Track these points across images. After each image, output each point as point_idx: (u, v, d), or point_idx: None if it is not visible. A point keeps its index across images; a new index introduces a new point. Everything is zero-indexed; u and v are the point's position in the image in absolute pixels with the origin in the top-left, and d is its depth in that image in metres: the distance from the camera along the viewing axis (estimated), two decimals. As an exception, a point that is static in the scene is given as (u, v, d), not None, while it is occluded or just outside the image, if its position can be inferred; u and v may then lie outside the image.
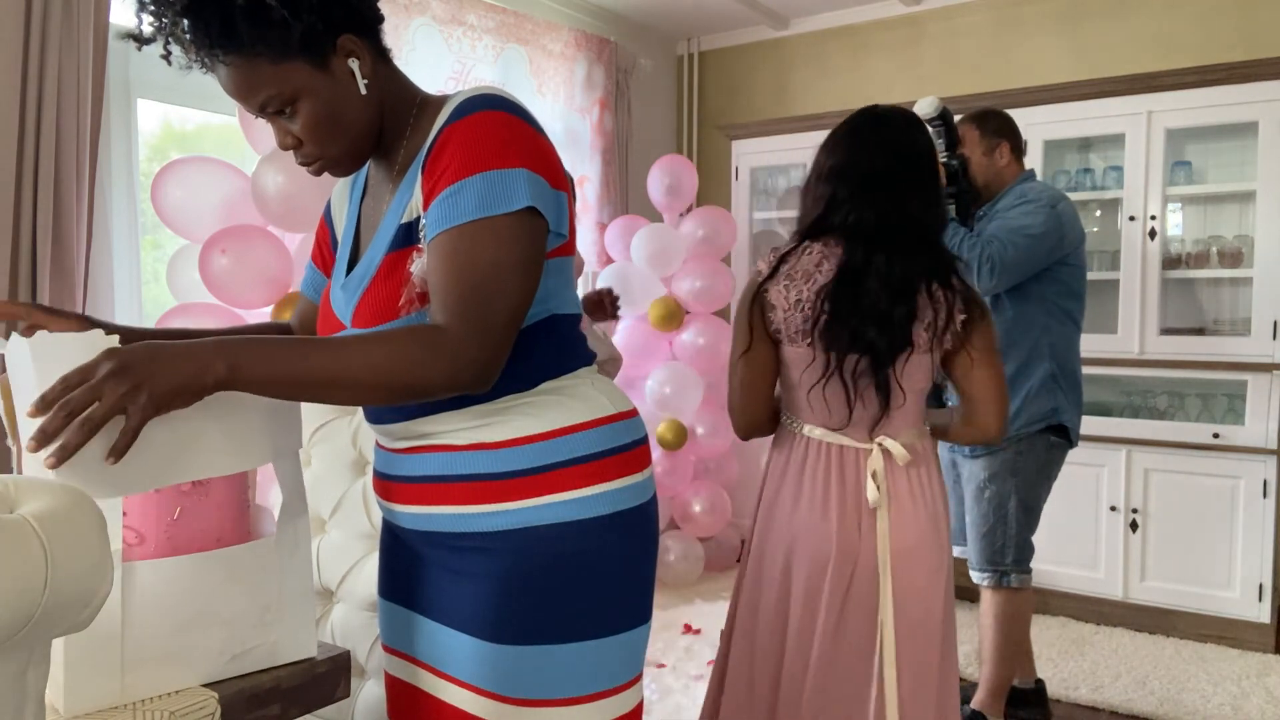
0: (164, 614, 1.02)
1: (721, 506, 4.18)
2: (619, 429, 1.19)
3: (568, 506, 1.13)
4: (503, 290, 1.04)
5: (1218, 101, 3.48)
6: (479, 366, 1.03)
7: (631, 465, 1.19)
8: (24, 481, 0.76)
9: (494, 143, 1.06)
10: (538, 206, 1.07)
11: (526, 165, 1.07)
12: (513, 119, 1.09)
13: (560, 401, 1.16)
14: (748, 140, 4.63)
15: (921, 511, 1.76)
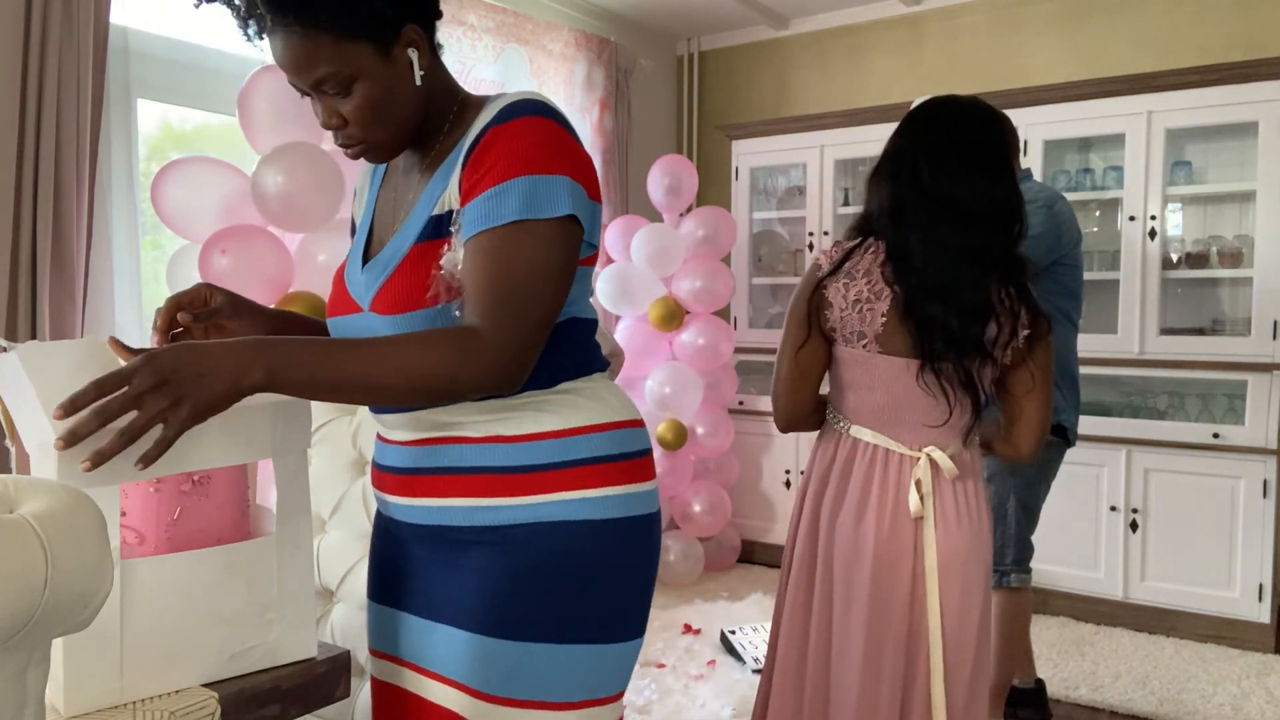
0: (164, 613, 1.02)
1: (721, 506, 4.18)
2: (629, 435, 1.20)
3: (578, 505, 1.14)
4: (538, 294, 1.07)
5: (1218, 101, 3.48)
6: (511, 369, 1.06)
7: (640, 473, 1.20)
8: (24, 481, 0.76)
9: (541, 149, 1.09)
10: (578, 215, 1.10)
11: (570, 174, 1.09)
12: (559, 128, 1.12)
13: (576, 401, 1.17)
14: (748, 140, 4.63)
15: (966, 525, 1.72)
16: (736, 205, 4.66)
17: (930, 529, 1.70)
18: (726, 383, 4.25)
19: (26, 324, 2.53)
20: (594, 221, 1.15)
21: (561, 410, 1.16)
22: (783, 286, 4.77)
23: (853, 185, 4.50)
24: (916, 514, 1.69)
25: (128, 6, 2.88)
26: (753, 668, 3.07)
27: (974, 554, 1.72)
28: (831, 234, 4.38)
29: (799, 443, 4.35)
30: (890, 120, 4.09)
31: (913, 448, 1.72)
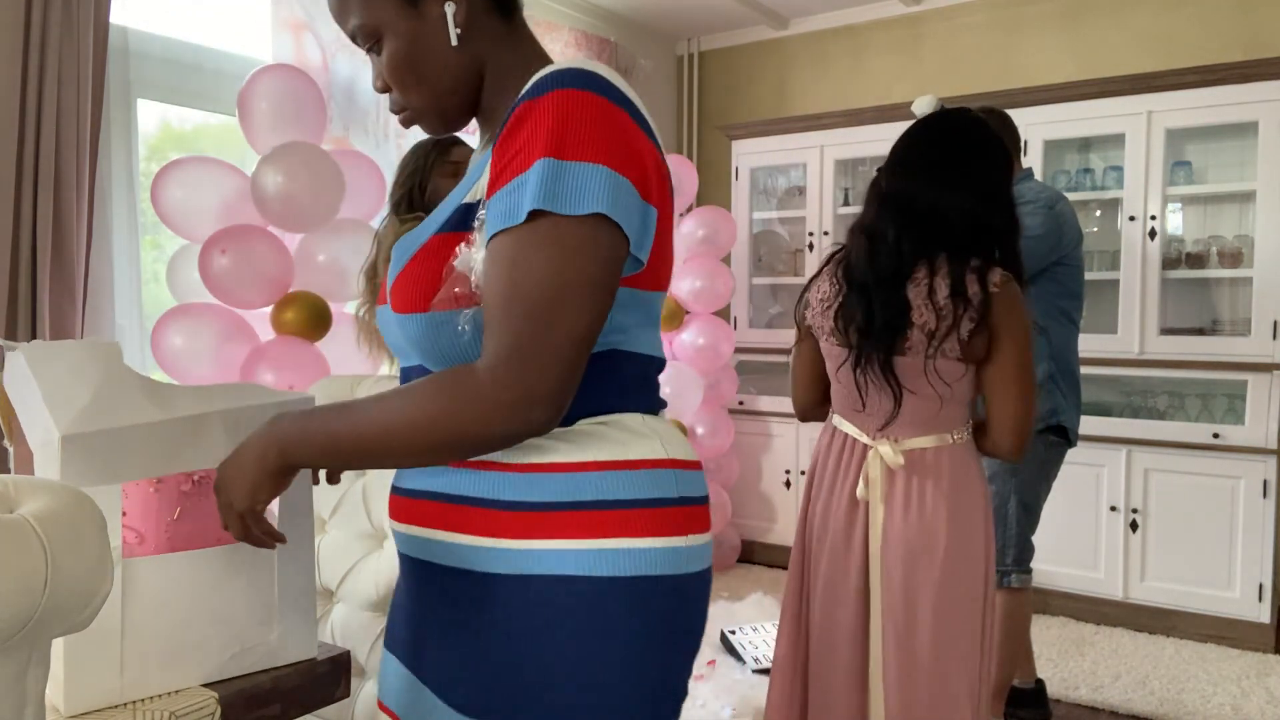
0: (164, 613, 1.02)
1: (721, 506, 4.18)
2: (667, 478, 0.97)
3: (579, 557, 0.93)
4: (562, 315, 0.87)
5: (1218, 101, 3.48)
6: (525, 411, 0.88)
7: (676, 524, 0.96)
8: (24, 481, 0.76)
9: (574, 128, 0.88)
10: (613, 216, 0.88)
11: (609, 162, 0.88)
12: (604, 103, 0.90)
13: (598, 432, 0.97)
14: (748, 140, 4.63)
15: (914, 519, 1.75)
16: (736, 205, 4.66)
17: (877, 516, 1.78)
18: (726, 383, 4.25)
19: (26, 324, 2.53)
20: (643, 230, 0.93)
21: (578, 441, 0.96)
22: (783, 286, 4.77)
23: (853, 185, 4.50)
24: (862, 498, 1.81)
25: (128, 6, 2.88)
26: (753, 668, 3.07)
27: (923, 549, 1.74)
28: (831, 234, 4.38)
29: (799, 443, 4.35)
30: (890, 120, 4.12)
31: (873, 436, 1.82)
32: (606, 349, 0.97)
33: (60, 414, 0.94)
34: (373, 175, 3.04)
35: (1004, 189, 1.83)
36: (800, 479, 4.36)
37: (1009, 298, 1.73)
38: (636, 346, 1.00)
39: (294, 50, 3.31)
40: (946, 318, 1.71)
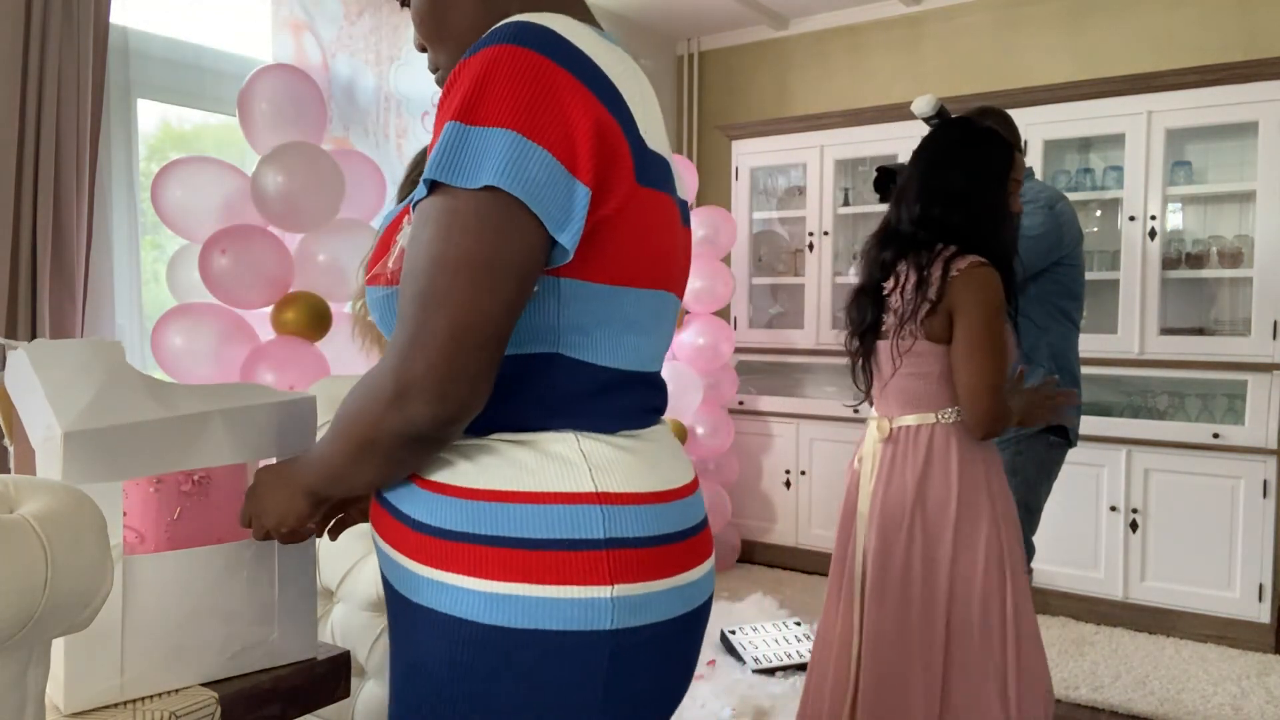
0: (164, 612, 1.02)
1: (721, 506, 4.18)
2: (590, 516, 0.82)
3: (476, 599, 0.81)
4: (443, 300, 0.77)
5: (1218, 101, 3.48)
6: (415, 401, 0.78)
7: (597, 571, 0.82)
8: (24, 481, 0.76)
9: (490, 89, 0.78)
10: (509, 189, 0.76)
11: (520, 127, 0.77)
12: (538, 60, 0.79)
13: (509, 454, 0.84)
14: (748, 140, 4.63)
15: (894, 488, 1.92)
16: (736, 205, 4.66)
17: (865, 489, 1.96)
18: (726, 383, 4.25)
19: (26, 324, 2.53)
20: (567, 208, 0.79)
21: (482, 460, 0.85)
22: (783, 286, 4.77)
23: (852, 185, 4.50)
24: (855, 470, 2.02)
25: (128, 6, 2.88)
26: (753, 668, 3.07)
27: (895, 523, 1.89)
28: (831, 234, 4.38)
29: (799, 443, 4.35)
30: (890, 120, 4.13)
31: (881, 415, 2.00)
32: (546, 351, 0.85)
33: (63, 411, 0.94)
34: (373, 175, 3.04)
35: (979, 187, 1.93)
36: (800, 479, 4.36)
37: (970, 279, 1.83)
38: (592, 354, 0.86)
39: (294, 50, 3.31)
40: (910, 303, 1.88)
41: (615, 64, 0.86)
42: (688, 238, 1.03)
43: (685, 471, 0.96)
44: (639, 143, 0.85)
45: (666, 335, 0.97)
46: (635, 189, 0.84)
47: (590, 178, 0.80)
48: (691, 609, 0.91)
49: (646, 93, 0.91)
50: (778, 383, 4.73)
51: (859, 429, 4.15)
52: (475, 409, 0.80)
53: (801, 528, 4.36)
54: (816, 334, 4.42)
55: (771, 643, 3.22)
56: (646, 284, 0.89)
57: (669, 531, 0.88)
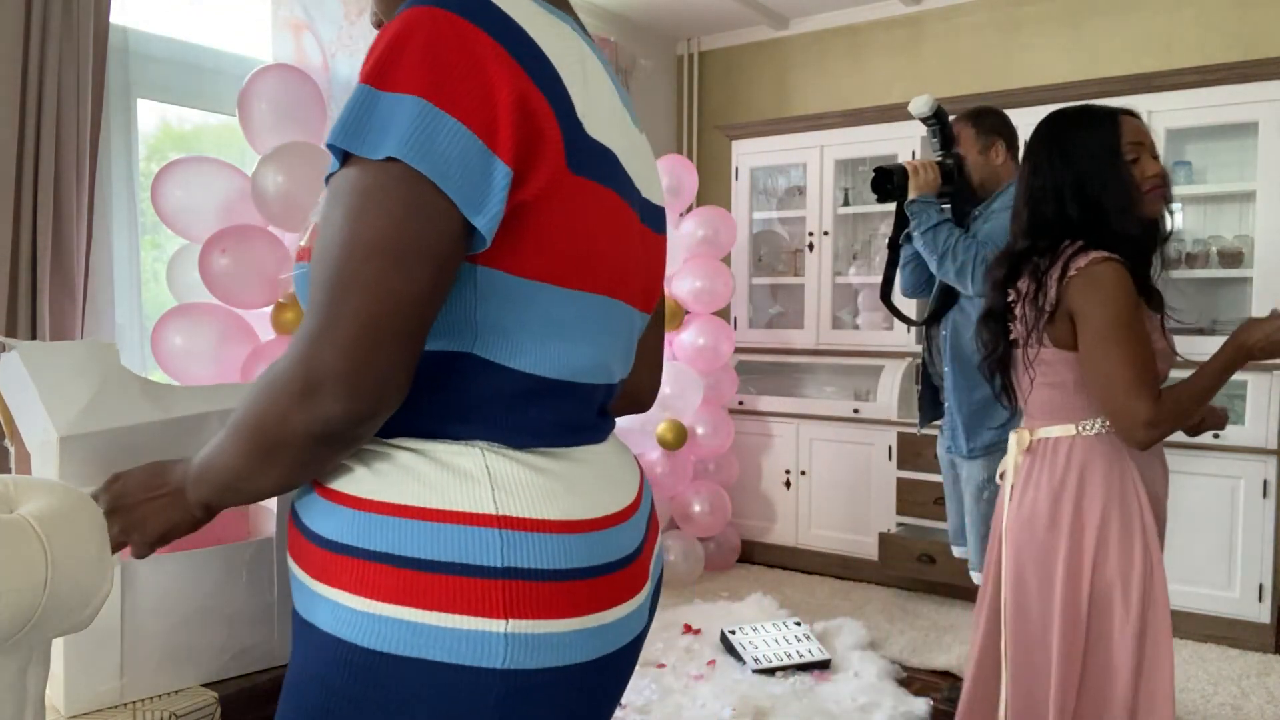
0: (164, 612, 1.02)
1: (721, 506, 4.18)
2: (487, 540, 0.74)
3: (356, 619, 0.74)
4: (350, 285, 0.69)
5: (1218, 101, 3.48)
6: (323, 396, 0.70)
7: (489, 602, 0.73)
8: (24, 481, 0.76)
9: (405, 52, 0.71)
10: (411, 161, 0.69)
11: (430, 94, 0.69)
12: (459, 23, 0.71)
13: (406, 463, 0.77)
14: (748, 140, 4.63)
15: (1025, 506, 1.82)
16: (736, 205, 4.66)
17: (1005, 500, 1.88)
18: (726, 383, 4.25)
19: (26, 324, 2.53)
20: (483, 187, 0.70)
21: (379, 467, 0.77)
22: (782, 287, 4.77)
23: (853, 185, 4.50)
24: (999, 482, 1.93)
25: (128, 6, 2.88)
26: (753, 668, 3.07)
27: (1032, 532, 1.79)
28: (831, 234, 4.38)
29: (799, 443, 4.35)
30: (890, 120, 4.13)
31: (1024, 426, 1.90)
32: (458, 349, 0.76)
33: (59, 415, 0.94)
34: (373, 175, 3.04)
35: (1086, 170, 1.75)
36: (800, 479, 4.36)
37: (1086, 280, 1.68)
38: (509, 357, 0.77)
39: (294, 50, 3.31)
40: (1030, 312, 1.75)
41: (555, 41, 0.78)
42: (658, 245, 0.94)
43: (619, 496, 0.84)
44: (574, 127, 0.76)
45: (613, 348, 0.85)
46: (565, 175, 0.75)
47: (511, 155, 0.71)
48: (613, 650, 0.80)
49: (595, 79, 0.82)
50: (777, 383, 4.73)
51: (859, 429, 4.16)
52: (392, 405, 0.72)
53: (801, 528, 4.36)
54: (816, 334, 4.42)
55: (771, 643, 3.22)
56: (579, 285, 0.79)
57: (586, 565, 0.77)
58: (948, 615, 3.71)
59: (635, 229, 0.87)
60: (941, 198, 2.62)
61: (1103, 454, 1.75)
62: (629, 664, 0.86)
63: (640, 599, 0.85)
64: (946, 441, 2.71)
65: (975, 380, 2.58)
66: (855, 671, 3.06)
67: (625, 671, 0.86)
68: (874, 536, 4.06)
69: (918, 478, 3.98)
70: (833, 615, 3.66)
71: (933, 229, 2.54)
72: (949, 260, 2.51)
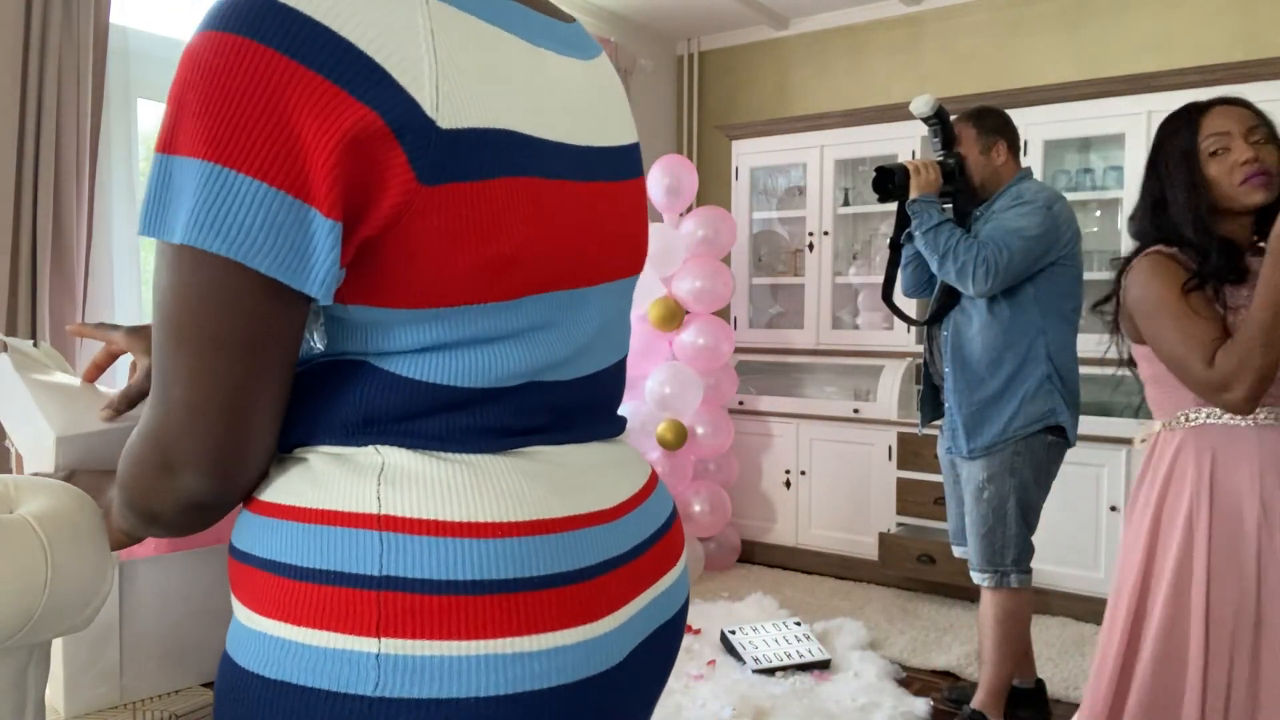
0: (163, 613, 1.02)
1: (721, 506, 4.18)
2: (365, 544, 0.64)
3: (240, 636, 0.67)
4: (176, 370, 0.62)
5: (1218, 101, 3.48)
6: (193, 471, 0.64)
7: (363, 617, 0.62)
8: (24, 481, 0.76)
9: (188, 101, 0.60)
10: (208, 246, 0.59)
11: (215, 153, 0.59)
12: (245, 49, 0.58)
13: (299, 463, 0.69)
14: (748, 140, 4.63)
15: (1137, 497, 1.85)
16: (736, 205, 4.66)
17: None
18: (726, 383, 4.25)
19: (26, 324, 2.53)
20: (303, 252, 0.60)
21: (290, 472, 0.69)
22: (783, 287, 4.77)
23: (853, 185, 4.50)
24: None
25: (128, 6, 2.88)
26: (753, 668, 3.07)
27: (1128, 528, 1.84)
28: (831, 234, 4.38)
29: (799, 443, 4.35)
30: (890, 120, 4.13)
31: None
32: (355, 358, 0.68)
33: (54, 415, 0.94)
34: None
35: (1163, 174, 1.79)
36: (800, 479, 4.36)
37: (1134, 274, 1.76)
38: (414, 372, 0.67)
39: (294, 50, 3.31)
40: (1114, 297, 1.84)
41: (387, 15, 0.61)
42: (621, 194, 0.79)
43: (584, 499, 0.72)
44: (424, 130, 0.61)
45: (567, 342, 0.73)
46: (420, 193, 0.61)
47: (333, 200, 0.59)
48: (565, 682, 0.65)
49: (476, 39, 0.66)
50: (778, 383, 4.73)
51: (859, 429, 4.16)
52: (258, 469, 0.67)
53: (801, 528, 4.36)
54: (816, 334, 4.42)
55: (771, 643, 3.22)
56: (489, 297, 0.66)
57: (506, 576, 0.64)
58: (948, 615, 3.71)
59: (571, 200, 0.71)
60: (943, 198, 2.63)
61: (1180, 449, 1.76)
62: (610, 705, 0.70)
63: (609, 624, 0.69)
64: (947, 442, 2.71)
65: (976, 380, 2.58)
66: (855, 671, 3.06)
67: (603, 714, 0.70)
68: (874, 536, 4.06)
69: (918, 478, 3.98)
70: (833, 615, 3.66)
71: (934, 229, 2.55)
72: (950, 260, 2.51)
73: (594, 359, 0.77)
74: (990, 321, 2.55)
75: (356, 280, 0.64)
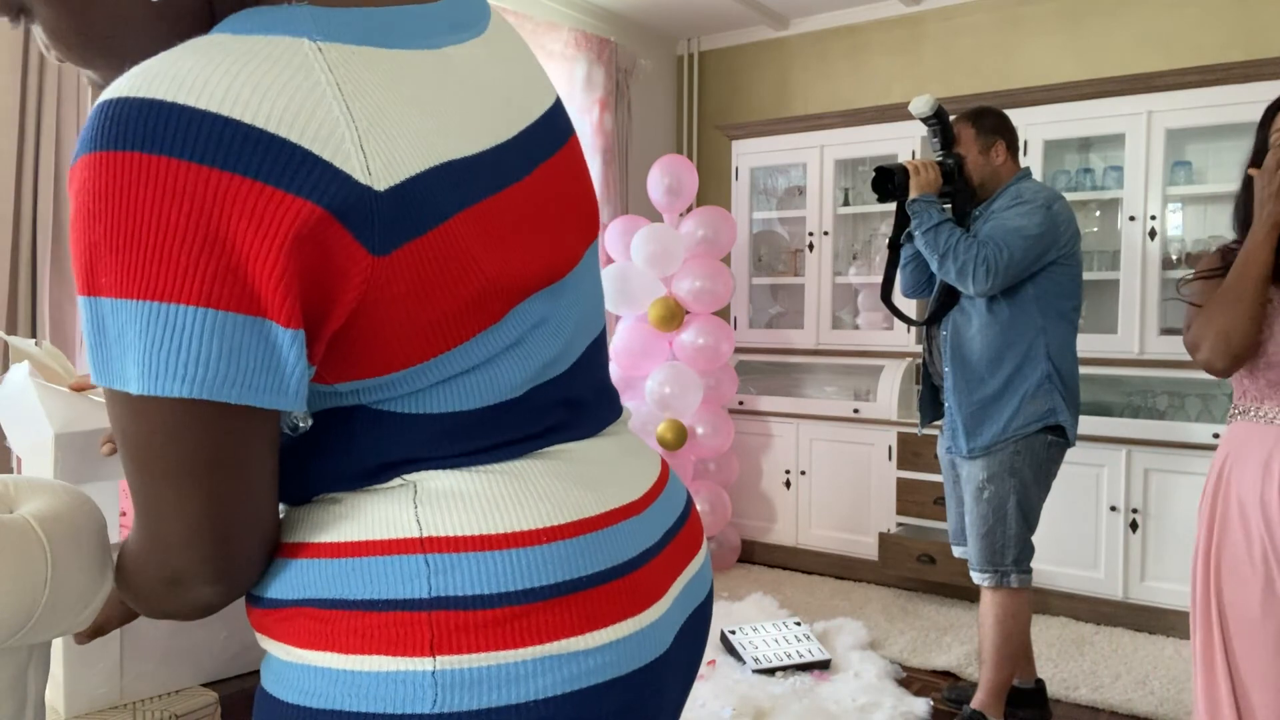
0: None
1: (721, 506, 4.18)
2: (412, 569, 0.63)
3: (287, 672, 0.66)
4: (157, 506, 0.60)
5: (1218, 101, 3.48)
6: (200, 582, 0.63)
7: (416, 639, 0.62)
8: (24, 481, 0.76)
9: (90, 237, 0.54)
10: (166, 392, 0.55)
11: (146, 289, 0.53)
12: (139, 163, 0.52)
13: (328, 504, 0.67)
14: (748, 140, 4.63)
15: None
16: (736, 205, 4.66)
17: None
18: (726, 383, 4.25)
19: (26, 324, 2.53)
20: (270, 368, 0.57)
21: (316, 513, 0.67)
22: (783, 287, 4.77)
23: (852, 185, 4.50)
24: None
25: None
26: (753, 668, 3.07)
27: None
28: (831, 234, 4.38)
29: (799, 442, 4.35)
30: (890, 120, 4.13)
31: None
32: (350, 405, 0.66)
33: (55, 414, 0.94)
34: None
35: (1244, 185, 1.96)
36: (800, 479, 4.36)
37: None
38: (413, 407, 0.65)
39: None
40: None
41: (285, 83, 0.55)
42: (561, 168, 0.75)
43: (609, 495, 0.71)
44: (362, 203, 0.57)
45: (556, 337, 0.71)
46: (378, 267, 0.58)
47: (294, 305, 0.56)
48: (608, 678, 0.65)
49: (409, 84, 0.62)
50: (778, 383, 4.73)
51: (859, 429, 4.16)
52: (261, 566, 0.66)
53: (801, 528, 4.36)
54: (816, 334, 4.42)
55: (771, 643, 3.22)
56: (471, 332, 0.64)
57: (549, 582, 0.64)
58: (948, 615, 3.71)
59: (523, 200, 0.68)
60: (942, 197, 2.63)
61: (1226, 442, 1.82)
62: (657, 690, 0.70)
63: (653, 614, 0.70)
64: (947, 442, 2.71)
65: (975, 380, 2.58)
66: (855, 671, 3.06)
67: (653, 700, 0.70)
68: (874, 536, 4.06)
69: (918, 478, 3.98)
70: (833, 615, 3.66)
71: (934, 228, 2.55)
72: (950, 260, 2.51)
73: (581, 339, 0.76)
74: (990, 321, 2.55)
75: (335, 362, 0.62)
